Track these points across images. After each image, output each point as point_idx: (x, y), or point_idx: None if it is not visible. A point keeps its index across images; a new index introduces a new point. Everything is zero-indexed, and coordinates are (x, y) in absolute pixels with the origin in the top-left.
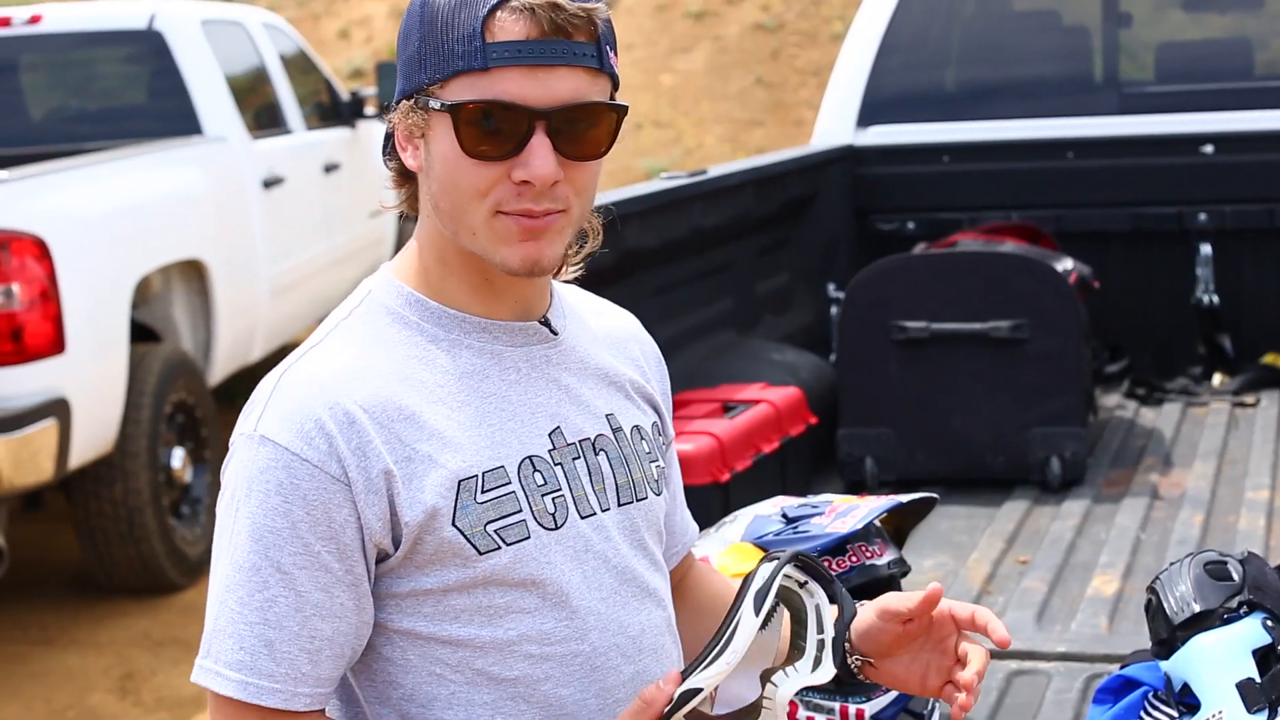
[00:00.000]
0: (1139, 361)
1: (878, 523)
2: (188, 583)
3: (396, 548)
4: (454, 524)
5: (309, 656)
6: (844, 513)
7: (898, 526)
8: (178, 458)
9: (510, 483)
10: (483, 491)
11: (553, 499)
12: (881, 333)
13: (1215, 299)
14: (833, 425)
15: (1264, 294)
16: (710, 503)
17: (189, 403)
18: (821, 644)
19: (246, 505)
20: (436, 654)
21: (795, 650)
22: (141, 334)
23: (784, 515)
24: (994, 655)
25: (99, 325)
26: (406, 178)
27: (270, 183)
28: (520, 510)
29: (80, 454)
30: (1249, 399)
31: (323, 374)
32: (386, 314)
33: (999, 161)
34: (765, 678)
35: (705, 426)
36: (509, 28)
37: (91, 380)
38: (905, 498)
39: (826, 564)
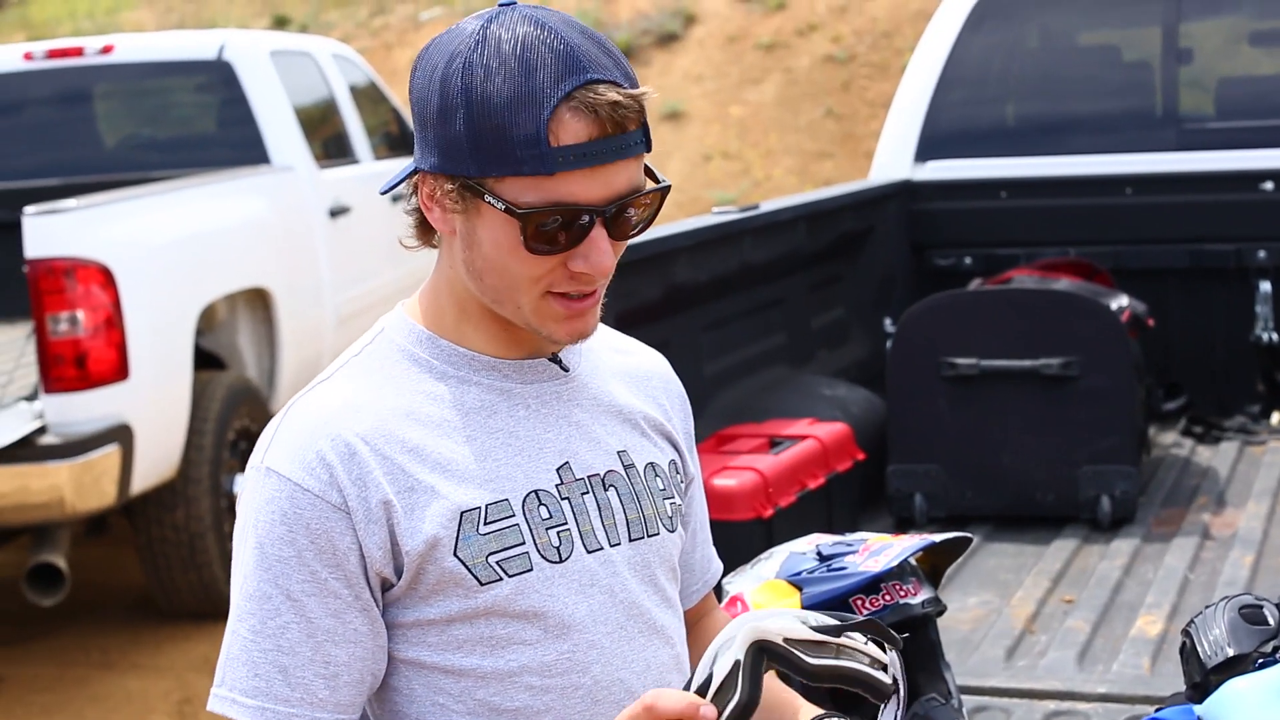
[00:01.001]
0: (1197, 399)
1: (913, 561)
2: None
3: (399, 577)
4: (456, 554)
5: (325, 682)
6: (877, 551)
7: (933, 565)
8: (240, 484)
9: (514, 515)
10: (485, 523)
11: (557, 533)
12: (931, 369)
13: (1275, 336)
14: (883, 461)
15: None
16: (753, 538)
17: (252, 430)
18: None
19: (254, 535)
20: (440, 684)
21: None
22: (206, 361)
23: (819, 553)
24: (1033, 695)
25: (163, 352)
26: (429, 228)
27: (337, 212)
28: (523, 543)
29: (143, 479)
30: None
31: (327, 408)
32: (397, 351)
33: (1057, 197)
34: None
35: (750, 462)
36: (572, 128)
37: (155, 406)
38: (939, 537)
39: (859, 603)
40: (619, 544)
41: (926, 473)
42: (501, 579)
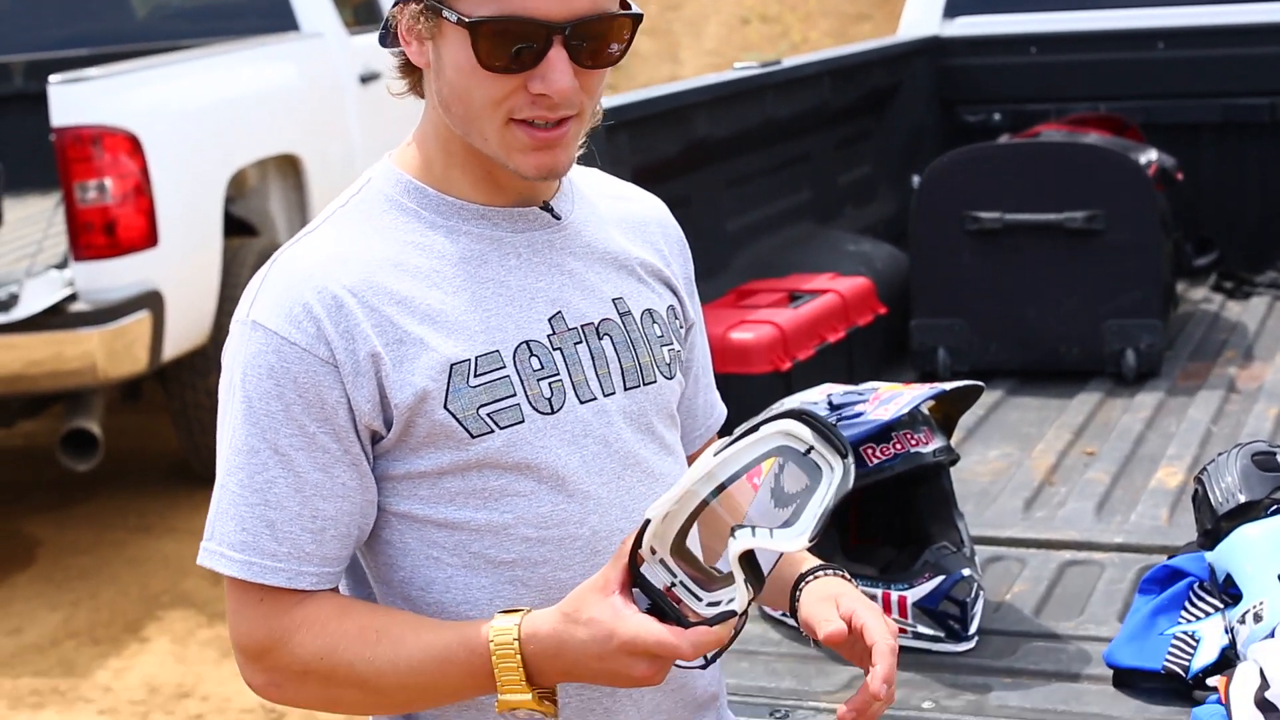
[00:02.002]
0: (1228, 255)
1: (925, 410)
2: None
3: (389, 429)
4: (446, 407)
5: (312, 536)
6: (888, 399)
7: (946, 414)
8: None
9: (504, 367)
10: (475, 375)
11: (549, 384)
12: (955, 222)
13: None
14: (907, 316)
15: None
16: (771, 392)
17: None
18: (820, 514)
19: (241, 390)
20: (433, 537)
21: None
22: (237, 228)
23: (830, 402)
24: (1049, 545)
25: (192, 219)
26: (412, 68)
27: (367, 78)
28: (514, 395)
29: (175, 345)
30: None
31: (312, 259)
32: (384, 201)
33: (1087, 52)
34: (732, 530)
35: (768, 315)
36: None
37: (185, 273)
38: (950, 385)
39: (870, 451)
40: (613, 393)
41: (950, 327)
42: (493, 431)
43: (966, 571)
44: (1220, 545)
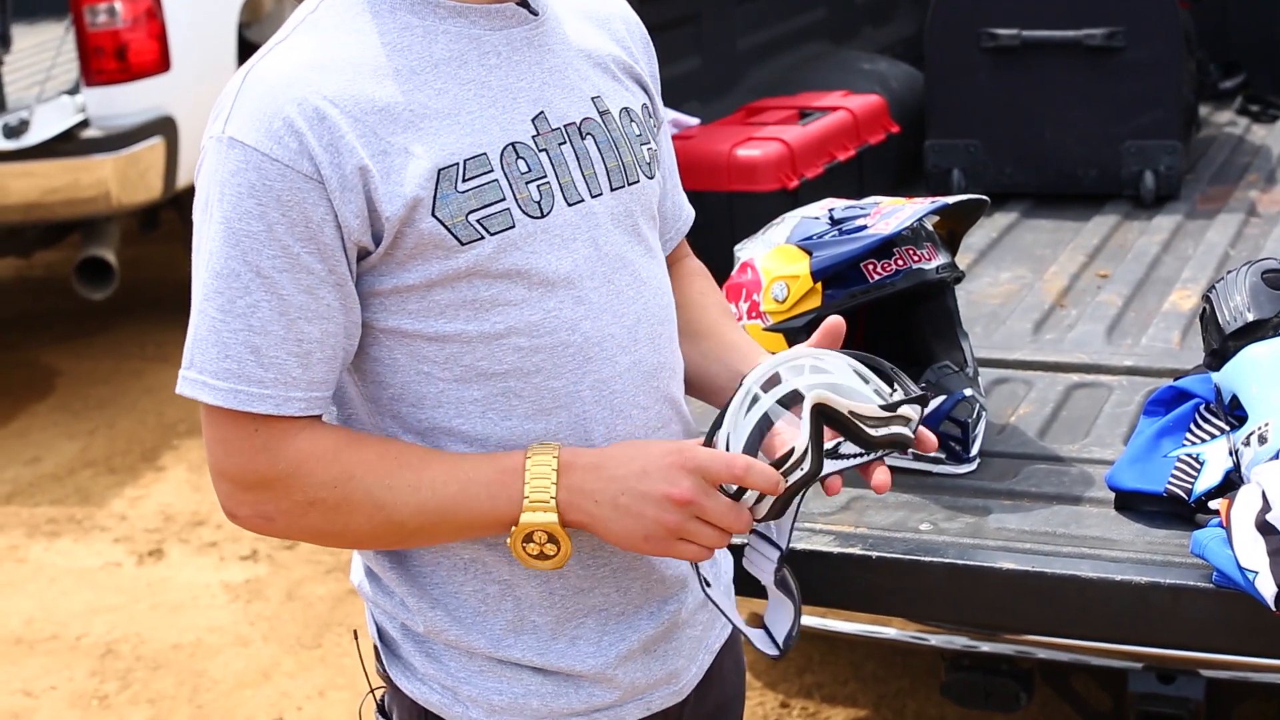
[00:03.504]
0: (1256, 78)
1: (929, 226)
2: None
3: (377, 244)
4: (434, 214)
5: (298, 360)
6: (889, 214)
7: (951, 231)
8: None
9: (493, 170)
10: (464, 180)
11: (538, 186)
12: (971, 40)
13: None
14: (922, 136)
15: None
16: (778, 209)
17: None
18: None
19: (219, 210)
20: (423, 352)
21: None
22: (251, 53)
23: (830, 216)
24: (1057, 368)
25: (205, 44)
26: None
27: None
28: (504, 199)
29: (189, 172)
30: None
31: (289, 70)
32: (357, 3)
33: None
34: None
35: (776, 133)
36: None
37: (199, 99)
38: (953, 199)
39: (870, 266)
40: (600, 194)
41: (965, 147)
42: (483, 238)
43: (969, 392)
44: (1227, 365)
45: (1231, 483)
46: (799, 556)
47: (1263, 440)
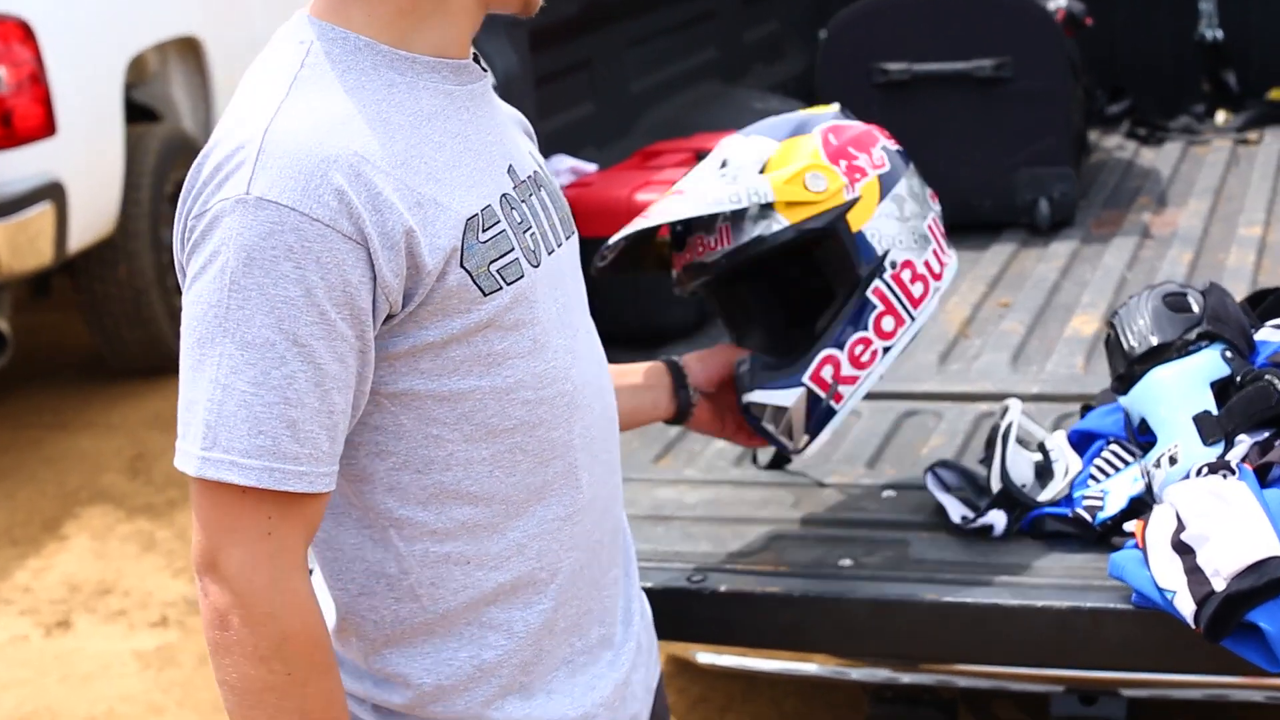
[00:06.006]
0: (1141, 101)
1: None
2: None
3: (405, 305)
4: (462, 265)
5: (327, 433)
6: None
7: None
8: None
9: (500, 221)
10: (484, 230)
11: (530, 236)
12: (863, 75)
13: (1219, 34)
14: None
15: (1269, 28)
16: None
17: None
18: None
19: (249, 277)
20: (433, 413)
21: None
22: (141, 114)
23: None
24: (965, 398)
25: (92, 106)
26: None
27: None
28: (513, 249)
29: (80, 237)
30: (1252, 136)
31: (314, 125)
32: (339, 63)
33: None
34: None
35: (674, 176)
36: None
37: (87, 162)
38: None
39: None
40: (560, 244)
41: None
42: (502, 288)
43: None
44: (1134, 389)
45: (1136, 508)
46: (720, 598)
47: (1173, 461)
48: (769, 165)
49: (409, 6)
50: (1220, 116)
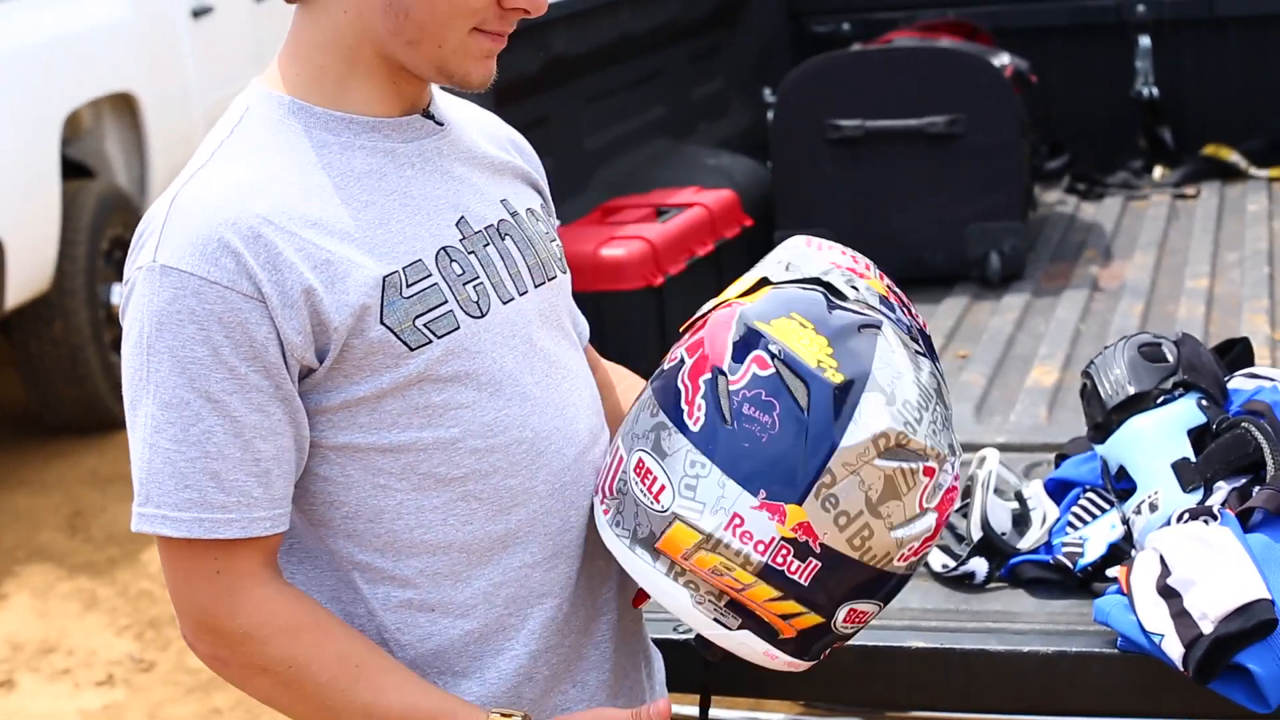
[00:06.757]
0: (1079, 157)
1: None
2: None
3: (321, 360)
4: (383, 322)
5: (258, 480)
6: None
7: None
8: (117, 293)
9: (431, 275)
10: (407, 286)
11: (474, 287)
12: (816, 132)
13: (1155, 91)
14: (772, 228)
15: (1204, 85)
16: (645, 307)
17: (126, 238)
18: None
19: (160, 340)
20: (378, 464)
21: None
22: (75, 171)
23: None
24: None
25: (27, 163)
26: None
27: (199, 12)
28: (446, 302)
29: (16, 294)
30: (1189, 191)
31: (218, 192)
32: (270, 125)
33: None
34: None
35: (637, 231)
36: None
37: (23, 219)
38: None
39: None
40: (526, 292)
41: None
42: (430, 341)
43: None
44: (1111, 438)
45: (1116, 554)
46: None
47: (1154, 508)
48: None
49: (325, 67)
50: (1158, 172)
